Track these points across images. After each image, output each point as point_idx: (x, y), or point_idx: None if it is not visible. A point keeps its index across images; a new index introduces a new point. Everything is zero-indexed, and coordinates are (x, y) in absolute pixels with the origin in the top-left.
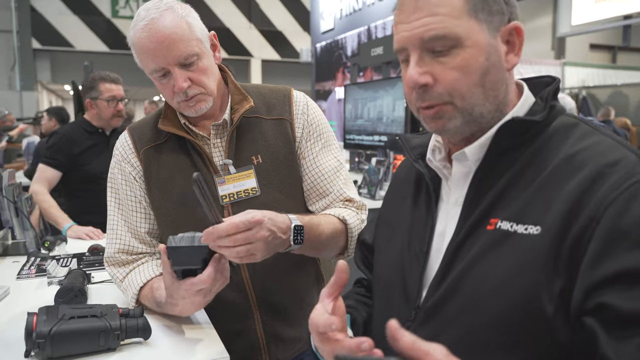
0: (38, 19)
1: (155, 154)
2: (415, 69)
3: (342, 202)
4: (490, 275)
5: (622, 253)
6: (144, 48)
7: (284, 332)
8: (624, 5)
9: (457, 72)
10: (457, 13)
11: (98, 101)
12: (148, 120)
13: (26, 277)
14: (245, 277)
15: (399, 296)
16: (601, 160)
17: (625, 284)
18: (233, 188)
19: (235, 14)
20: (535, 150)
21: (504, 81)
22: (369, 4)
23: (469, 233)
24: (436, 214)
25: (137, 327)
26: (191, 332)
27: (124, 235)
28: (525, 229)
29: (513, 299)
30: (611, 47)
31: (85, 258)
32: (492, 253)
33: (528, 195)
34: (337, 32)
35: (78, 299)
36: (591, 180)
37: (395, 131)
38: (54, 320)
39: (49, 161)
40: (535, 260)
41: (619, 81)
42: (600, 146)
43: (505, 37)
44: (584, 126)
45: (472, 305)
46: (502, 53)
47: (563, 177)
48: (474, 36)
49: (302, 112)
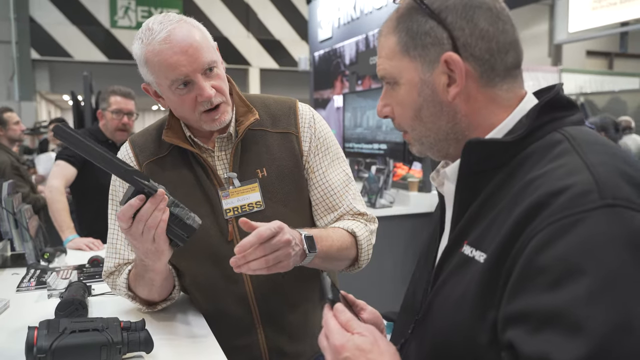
0: (37, 29)
1: (158, 168)
2: (379, 102)
3: (352, 216)
4: (447, 299)
5: (533, 291)
6: (166, 60)
7: (287, 348)
8: (620, 12)
9: (399, 107)
10: (391, 54)
11: (106, 112)
12: (150, 132)
13: (26, 290)
14: (249, 291)
15: (409, 308)
16: (551, 187)
17: (531, 325)
18: (237, 202)
19: (233, 23)
20: (510, 172)
21: (445, 113)
22: (366, 13)
23: (449, 253)
24: (442, 232)
25: (139, 340)
26: (194, 346)
27: (123, 251)
28: (479, 255)
29: (455, 327)
30: (608, 54)
31: (86, 270)
32: (455, 277)
33: (489, 219)
34: (335, 41)
35: (79, 312)
36: (532, 208)
37: (394, 139)
38: (55, 334)
39: (68, 158)
40: (475, 288)
41: (617, 87)
42: (561, 170)
43: (445, 67)
44: (565, 145)
45: (431, 327)
46: (439, 85)
47: (516, 202)
48: (406, 74)
49: (309, 125)
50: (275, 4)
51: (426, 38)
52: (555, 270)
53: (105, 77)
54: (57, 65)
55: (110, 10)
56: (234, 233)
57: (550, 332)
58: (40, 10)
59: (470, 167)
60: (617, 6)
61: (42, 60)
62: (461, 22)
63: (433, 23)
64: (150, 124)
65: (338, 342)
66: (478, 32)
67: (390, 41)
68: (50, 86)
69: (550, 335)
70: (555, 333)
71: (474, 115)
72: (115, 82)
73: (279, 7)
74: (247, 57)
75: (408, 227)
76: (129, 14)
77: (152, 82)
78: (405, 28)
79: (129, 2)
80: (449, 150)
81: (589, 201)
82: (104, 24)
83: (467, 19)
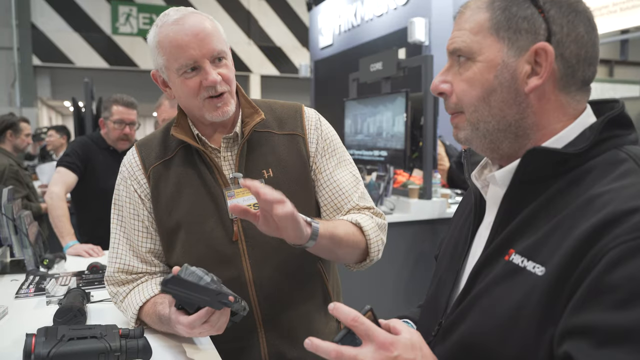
0: (38, 36)
1: (164, 170)
2: (438, 76)
3: (358, 210)
4: (493, 308)
5: (599, 309)
6: (177, 41)
7: (287, 352)
8: (620, 20)
9: (465, 84)
10: (477, 29)
11: (108, 121)
12: (156, 135)
13: (25, 297)
14: (251, 293)
15: (432, 310)
16: (621, 206)
17: (593, 340)
18: (242, 201)
19: (234, 30)
20: (568, 184)
21: (517, 104)
22: (367, 20)
23: (489, 259)
24: (475, 235)
25: (138, 348)
26: (192, 353)
27: (125, 255)
28: (533, 267)
29: (507, 339)
30: (608, 61)
31: (85, 276)
32: (501, 286)
33: (545, 231)
34: (336, 48)
35: (77, 319)
36: (602, 226)
37: (395, 146)
38: (53, 341)
39: (69, 165)
40: (533, 301)
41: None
42: (630, 189)
43: (532, 57)
44: (631, 164)
45: (467, 333)
46: (520, 74)
47: (580, 218)
48: (487, 52)
49: (315, 127)
50: (277, 11)
51: (523, 23)
52: (625, 290)
53: (106, 83)
54: (59, 72)
55: (111, 17)
56: (239, 233)
57: (616, 350)
58: (42, 16)
59: (528, 174)
60: (617, 14)
61: (44, 66)
62: (562, 19)
63: (534, 10)
64: (157, 129)
65: (387, 340)
66: (574, 35)
67: (480, 16)
68: (51, 92)
69: (616, 352)
70: (620, 351)
71: (543, 115)
72: (116, 88)
73: (280, 14)
74: (248, 63)
75: (408, 234)
76: (130, 20)
77: (161, 67)
78: (502, 7)
79: (130, 9)
80: (501, 144)
81: None
82: (105, 30)
83: (569, 19)
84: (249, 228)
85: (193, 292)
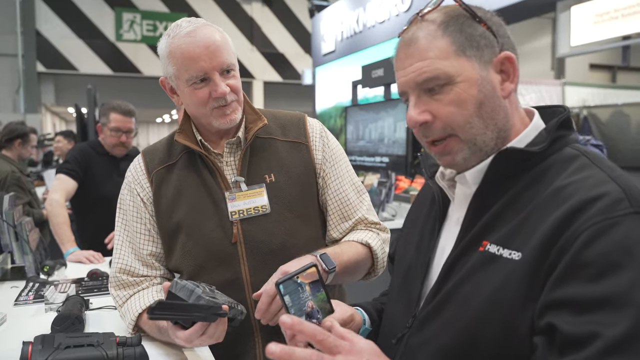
0: (43, 42)
1: (167, 174)
2: (413, 110)
3: (365, 225)
4: (473, 295)
5: (577, 282)
6: (188, 53)
7: None
8: (622, 26)
9: (452, 107)
10: (445, 54)
11: (105, 128)
12: (162, 142)
13: (24, 304)
14: (248, 297)
15: (403, 304)
16: (585, 195)
17: (574, 310)
18: (243, 205)
19: (237, 36)
20: (532, 179)
21: (502, 108)
22: (369, 27)
23: (463, 252)
24: (441, 231)
25: (135, 356)
26: None
27: (127, 256)
28: (510, 253)
29: (491, 320)
30: (611, 67)
31: (84, 283)
32: (479, 274)
33: (517, 222)
34: (338, 54)
35: (75, 327)
36: (571, 213)
37: (396, 152)
38: (50, 349)
39: (69, 172)
40: (513, 283)
41: (620, 101)
42: (590, 180)
43: (498, 67)
44: (584, 159)
45: (453, 322)
46: (495, 83)
47: (549, 208)
48: (464, 72)
49: (320, 136)
50: (279, 17)
51: (481, 40)
52: (599, 264)
53: (110, 89)
54: (63, 78)
55: (115, 24)
56: (238, 235)
57: (596, 314)
58: (46, 23)
59: (499, 172)
60: (619, 20)
61: (48, 73)
62: (500, 30)
63: (482, 29)
64: (163, 137)
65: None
66: (511, 43)
67: (441, 42)
68: (55, 99)
69: (598, 316)
70: (602, 314)
71: (513, 115)
72: (119, 94)
73: (283, 21)
74: (251, 70)
75: None
76: (134, 27)
77: (171, 75)
78: (458, 29)
79: (134, 16)
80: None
81: (623, 207)
82: (109, 37)
83: (503, 30)
84: (248, 230)
85: (183, 312)
